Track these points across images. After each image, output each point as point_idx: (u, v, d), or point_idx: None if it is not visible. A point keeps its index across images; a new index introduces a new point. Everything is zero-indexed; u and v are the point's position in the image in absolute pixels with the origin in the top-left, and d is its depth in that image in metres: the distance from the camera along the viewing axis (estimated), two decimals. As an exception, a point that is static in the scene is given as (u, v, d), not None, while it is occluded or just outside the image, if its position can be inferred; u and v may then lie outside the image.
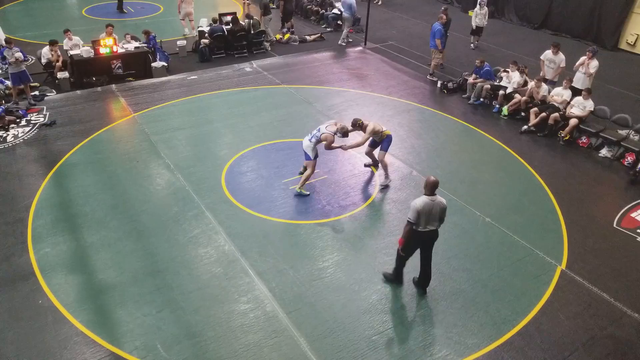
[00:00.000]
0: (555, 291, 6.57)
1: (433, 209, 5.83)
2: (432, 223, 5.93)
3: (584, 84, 10.89)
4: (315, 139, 7.92)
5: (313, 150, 7.95)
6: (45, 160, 9.02)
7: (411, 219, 5.84)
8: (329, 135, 7.93)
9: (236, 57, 14.27)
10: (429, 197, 5.81)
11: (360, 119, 8.29)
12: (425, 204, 5.78)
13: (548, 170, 9.34)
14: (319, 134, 7.94)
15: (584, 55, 10.98)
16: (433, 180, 5.81)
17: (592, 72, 10.83)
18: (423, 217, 5.82)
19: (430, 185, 5.80)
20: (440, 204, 5.89)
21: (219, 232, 7.37)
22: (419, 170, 9.08)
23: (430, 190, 5.81)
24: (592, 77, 10.99)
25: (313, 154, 7.97)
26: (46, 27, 15.50)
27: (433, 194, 5.84)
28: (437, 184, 5.84)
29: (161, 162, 9.09)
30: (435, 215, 5.89)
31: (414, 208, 5.78)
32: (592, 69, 10.81)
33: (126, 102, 11.34)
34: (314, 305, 6.18)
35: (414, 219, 5.81)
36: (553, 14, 17.59)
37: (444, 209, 5.94)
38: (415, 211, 5.77)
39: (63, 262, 6.73)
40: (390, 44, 15.89)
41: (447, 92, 12.50)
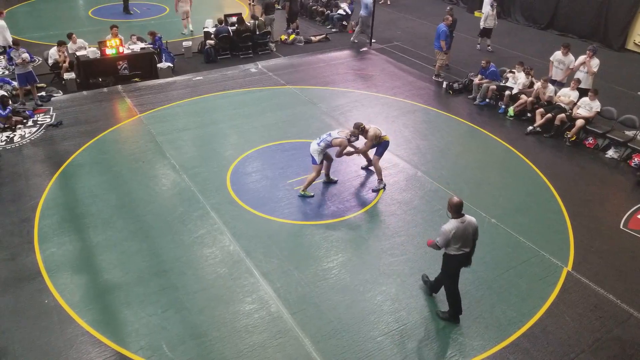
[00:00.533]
0: (561, 293, 6.53)
1: (466, 230, 5.48)
2: (468, 244, 5.58)
3: (586, 83, 10.85)
4: (324, 144, 7.87)
5: (320, 154, 7.92)
6: (51, 160, 9.07)
7: (439, 244, 5.54)
8: (343, 141, 7.90)
9: (241, 58, 14.30)
10: (457, 219, 5.44)
11: (362, 123, 8.21)
12: (457, 229, 5.42)
13: (554, 171, 9.29)
14: (329, 138, 7.88)
15: (584, 55, 10.94)
16: (456, 201, 5.41)
17: (594, 70, 10.78)
18: (456, 241, 5.48)
19: (455, 206, 5.41)
20: (472, 224, 5.53)
21: (224, 232, 7.39)
22: (424, 171, 9.06)
23: (457, 212, 5.43)
24: (594, 76, 10.95)
25: (320, 158, 7.95)
26: (53, 28, 15.60)
27: (461, 215, 5.46)
28: (462, 204, 5.44)
29: (167, 162, 9.12)
30: (469, 237, 5.54)
31: (445, 235, 5.44)
32: (594, 68, 10.77)
33: (132, 102, 11.39)
34: (319, 306, 6.18)
35: (442, 244, 5.52)
36: (559, 14, 17.51)
37: (476, 228, 5.59)
38: (446, 239, 5.46)
39: (69, 262, 6.76)
40: (396, 45, 15.88)
41: (452, 92, 12.47)
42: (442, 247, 5.58)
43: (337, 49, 15.43)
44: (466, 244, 5.57)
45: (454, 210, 5.43)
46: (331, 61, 14.41)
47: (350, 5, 17.58)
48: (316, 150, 7.90)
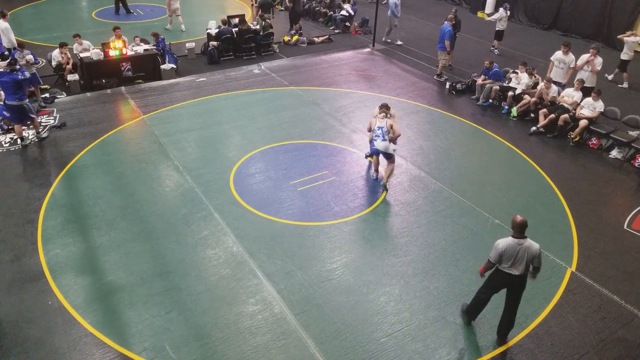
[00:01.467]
0: (565, 293, 6.51)
1: (519, 253, 5.24)
2: (518, 267, 5.32)
3: (591, 81, 10.82)
4: (386, 135, 8.17)
5: (389, 145, 8.23)
6: (55, 162, 9.10)
7: (492, 259, 5.38)
8: (394, 123, 8.37)
9: (244, 59, 14.32)
10: (515, 239, 5.23)
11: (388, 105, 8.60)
12: (508, 247, 5.23)
13: (558, 171, 9.26)
14: (385, 128, 8.16)
15: (587, 53, 10.92)
16: (520, 220, 5.20)
17: (598, 69, 10.76)
18: (506, 260, 5.32)
19: (517, 225, 5.21)
20: (530, 250, 5.24)
21: (227, 233, 7.39)
22: (428, 172, 9.05)
23: (517, 232, 5.23)
24: (597, 75, 10.93)
25: (392, 148, 8.28)
26: (56, 30, 15.66)
27: (522, 236, 5.23)
28: (525, 225, 5.21)
29: (170, 163, 9.14)
30: (521, 260, 5.28)
31: (496, 249, 5.29)
32: (598, 66, 10.75)
33: (135, 104, 11.42)
34: (322, 307, 6.17)
35: (494, 259, 5.36)
36: (563, 14, 17.48)
37: (533, 255, 5.26)
38: (497, 253, 5.30)
39: (73, 263, 6.77)
40: (399, 45, 15.86)
41: (455, 93, 12.45)
42: (495, 262, 5.39)
43: (340, 49, 15.44)
44: (516, 266, 5.33)
45: (515, 229, 5.26)
46: (334, 62, 14.41)
47: (353, 6, 17.58)
48: (387, 145, 8.14)
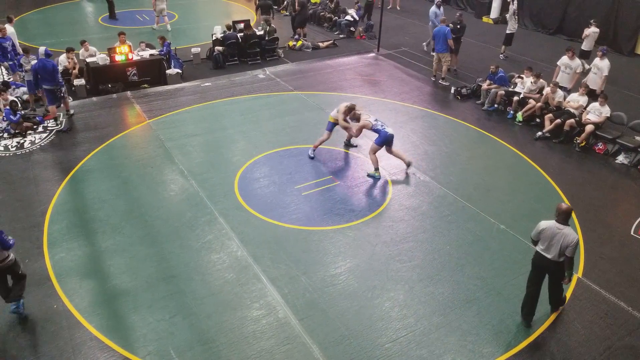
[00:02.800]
0: (571, 300, 6.46)
1: (555, 237, 5.57)
2: (551, 251, 5.65)
3: (596, 84, 10.80)
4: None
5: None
6: (61, 166, 9.14)
7: (532, 236, 5.81)
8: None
9: (249, 64, 14.36)
10: (557, 224, 5.57)
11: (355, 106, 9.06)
12: (548, 228, 5.61)
13: (564, 177, 9.22)
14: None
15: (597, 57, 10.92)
16: (565, 207, 5.56)
17: (605, 73, 10.75)
18: (542, 241, 5.70)
19: (563, 212, 5.54)
20: (566, 238, 5.51)
21: (231, 237, 7.39)
22: (433, 177, 9.03)
23: (562, 219, 5.55)
24: (605, 79, 10.93)
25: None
26: (63, 35, 15.77)
27: (564, 224, 5.55)
28: (569, 213, 5.56)
29: (175, 168, 9.16)
30: (556, 245, 5.58)
31: (537, 227, 5.71)
32: (606, 69, 10.75)
33: (141, 108, 11.47)
34: (327, 312, 6.15)
35: (534, 236, 5.78)
36: (568, 19, 17.45)
37: (568, 244, 5.52)
38: (537, 231, 5.71)
39: (78, 267, 6.79)
40: (403, 50, 15.88)
41: (460, 98, 12.44)
42: (534, 238, 5.79)
43: (345, 54, 15.46)
44: (550, 250, 5.65)
45: (561, 215, 5.56)
46: (339, 67, 14.43)
47: (357, 11, 17.62)
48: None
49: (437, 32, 12.88)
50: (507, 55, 15.32)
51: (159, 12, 16.97)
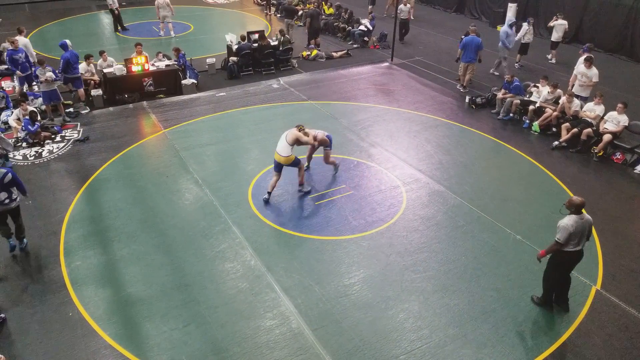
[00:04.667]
0: (589, 312, 6.33)
1: (583, 227, 5.80)
2: (582, 242, 5.89)
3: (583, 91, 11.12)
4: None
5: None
6: (78, 175, 9.26)
7: (560, 240, 5.78)
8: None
9: (264, 74, 14.47)
10: (578, 216, 5.75)
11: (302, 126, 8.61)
12: (577, 224, 5.72)
13: (581, 187, 9.08)
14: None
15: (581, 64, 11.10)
16: (581, 200, 5.76)
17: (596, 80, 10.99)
18: (575, 237, 5.78)
19: (579, 204, 5.73)
20: (589, 221, 5.87)
21: (245, 247, 7.40)
22: (447, 187, 8.96)
23: (578, 209, 5.75)
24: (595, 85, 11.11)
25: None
26: (81, 46, 16.01)
27: (581, 213, 5.79)
28: (584, 203, 5.79)
29: (190, 177, 9.22)
30: (585, 233, 5.86)
31: (566, 229, 5.70)
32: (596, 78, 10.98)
33: (157, 118, 11.60)
34: (340, 323, 6.11)
35: (564, 240, 5.76)
36: (584, 27, 17.28)
37: (591, 224, 5.92)
38: (568, 233, 5.71)
39: (93, 275, 6.85)
40: (417, 60, 15.87)
41: (475, 107, 12.36)
42: (563, 242, 5.75)
43: (358, 64, 15.49)
44: (581, 241, 5.87)
45: (577, 207, 5.73)
46: (352, 76, 14.46)
47: (371, 21, 17.67)
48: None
49: (469, 43, 12.83)
50: (522, 64, 15.21)
51: (163, 18, 17.62)
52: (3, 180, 6.77)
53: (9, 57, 11.85)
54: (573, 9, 17.37)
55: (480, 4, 21.02)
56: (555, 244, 5.84)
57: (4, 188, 6.83)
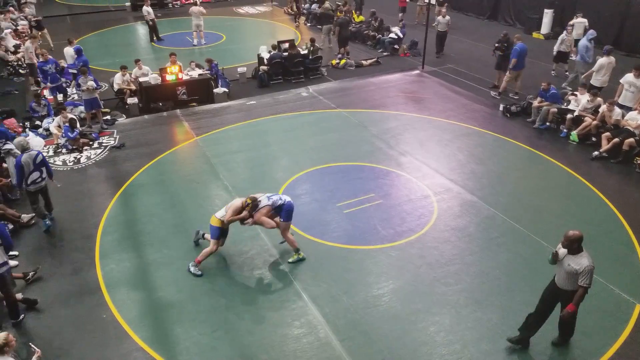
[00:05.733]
0: (633, 331, 6.04)
1: None
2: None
3: (631, 101, 10.53)
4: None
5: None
6: (114, 180, 9.50)
7: (589, 284, 5.20)
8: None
9: (293, 82, 14.56)
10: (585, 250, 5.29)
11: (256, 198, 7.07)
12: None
13: (623, 199, 8.72)
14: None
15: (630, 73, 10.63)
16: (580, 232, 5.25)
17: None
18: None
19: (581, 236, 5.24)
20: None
21: (273, 254, 7.41)
22: (480, 197, 8.76)
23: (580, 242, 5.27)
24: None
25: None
26: (118, 56, 16.55)
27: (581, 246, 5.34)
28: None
29: (220, 183, 9.32)
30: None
31: (591, 270, 5.16)
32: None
33: (189, 126, 11.81)
34: (368, 334, 6.02)
35: (591, 282, 5.21)
36: (625, 34, 16.68)
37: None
38: (593, 273, 5.20)
39: (127, 279, 6.98)
40: (449, 67, 15.66)
41: (510, 115, 12.08)
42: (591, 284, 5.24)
43: (388, 72, 15.41)
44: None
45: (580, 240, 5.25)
46: (382, 84, 14.39)
47: (402, 29, 17.57)
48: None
49: (522, 51, 12.62)
50: (557, 74, 14.78)
51: (196, 27, 18.08)
52: (35, 160, 7.73)
53: (39, 69, 12.31)
54: (612, 15, 16.83)
55: (515, 11, 20.63)
56: (583, 291, 5.23)
57: (37, 168, 7.75)
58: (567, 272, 5.27)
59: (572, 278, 5.25)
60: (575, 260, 5.23)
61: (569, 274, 5.26)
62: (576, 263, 5.21)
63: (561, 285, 5.40)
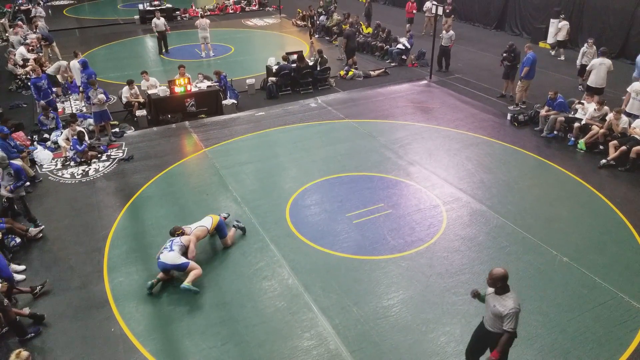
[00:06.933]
0: (645, 343, 5.95)
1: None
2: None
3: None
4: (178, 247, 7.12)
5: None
6: (122, 193, 9.55)
7: (514, 328, 4.75)
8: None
9: (302, 93, 14.63)
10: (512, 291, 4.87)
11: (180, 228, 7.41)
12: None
13: (632, 207, 8.64)
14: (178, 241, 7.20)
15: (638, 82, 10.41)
16: (505, 269, 4.87)
17: None
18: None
19: (506, 275, 4.82)
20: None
21: (282, 265, 7.40)
22: (489, 206, 8.71)
23: (505, 281, 4.83)
24: None
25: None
26: (127, 69, 16.73)
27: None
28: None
29: (229, 195, 9.35)
30: None
31: (517, 313, 4.70)
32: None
33: (198, 137, 11.88)
34: (379, 345, 5.97)
35: (516, 325, 4.76)
36: (632, 42, 16.64)
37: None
38: (518, 316, 4.74)
39: (135, 292, 6.99)
40: (457, 77, 15.69)
41: (517, 125, 12.05)
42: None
43: (397, 82, 15.46)
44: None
45: (505, 279, 4.81)
46: (390, 95, 14.42)
47: (409, 40, 17.64)
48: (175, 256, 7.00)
49: (534, 60, 12.63)
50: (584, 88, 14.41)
51: (202, 39, 18.37)
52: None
53: (33, 85, 12.42)
54: (620, 24, 16.82)
55: (522, 21, 20.67)
56: (508, 337, 4.79)
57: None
58: (492, 314, 4.86)
59: (498, 320, 4.82)
60: (500, 302, 4.78)
61: (494, 315, 4.83)
62: (501, 304, 4.75)
63: (488, 327, 4.99)
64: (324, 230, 8.18)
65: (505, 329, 4.75)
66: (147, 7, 24.08)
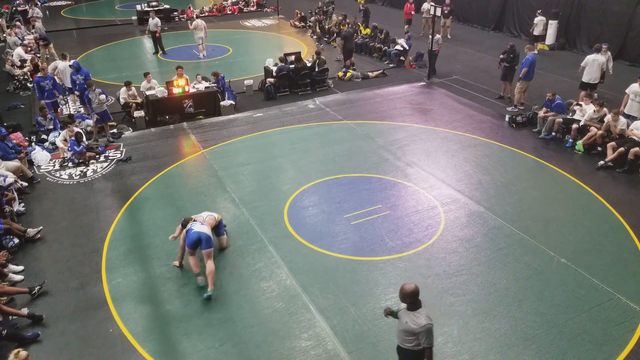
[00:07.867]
0: None
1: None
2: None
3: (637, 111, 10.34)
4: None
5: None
6: (120, 194, 9.55)
7: (433, 344, 4.69)
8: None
9: (300, 94, 14.64)
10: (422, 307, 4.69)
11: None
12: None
13: (629, 208, 8.67)
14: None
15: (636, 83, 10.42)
16: (416, 285, 4.66)
17: None
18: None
19: (416, 291, 4.62)
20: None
21: (280, 266, 7.40)
22: (487, 207, 8.73)
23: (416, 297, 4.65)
24: None
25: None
26: (125, 70, 16.73)
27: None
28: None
29: (227, 196, 9.35)
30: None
31: (431, 329, 4.60)
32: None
33: (196, 139, 11.88)
34: (377, 346, 5.98)
35: (433, 340, 4.68)
36: (630, 44, 16.69)
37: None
38: (432, 330, 4.62)
39: (133, 292, 6.98)
40: (455, 79, 15.72)
41: (515, 126, 12.08)
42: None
43: (395, 83, 15.48)
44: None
45: (416, 295, 4.62)
46: (388, 96, 14.44)
47: (407, 41, 17.67)
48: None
49: (534, 61, 12.66)
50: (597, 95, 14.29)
51: (198, 40, 18.40)
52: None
53: (37, 84, 12.36)
54: (617, 26, 16.86)
55: (520, 22, 20.72)
56: (430, 352, 4.67)
57: None
58: (404, 330, 4.68)
59: (410, 336, 4.65)
60: (412, 318, 4.61)
61: (406, 331, 4.66)
62: (413, 322, 4.59)
63: (400, 343, 4.83)
64: (322, 231, 8.19)
65: (424, 346, 4.64)
66: (144, 8, 24.07)
